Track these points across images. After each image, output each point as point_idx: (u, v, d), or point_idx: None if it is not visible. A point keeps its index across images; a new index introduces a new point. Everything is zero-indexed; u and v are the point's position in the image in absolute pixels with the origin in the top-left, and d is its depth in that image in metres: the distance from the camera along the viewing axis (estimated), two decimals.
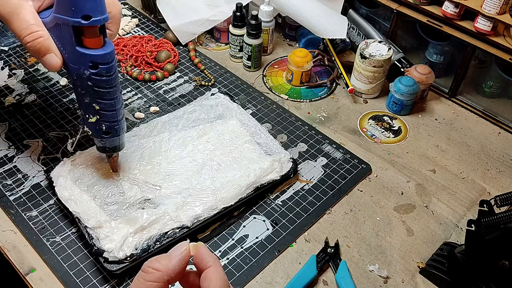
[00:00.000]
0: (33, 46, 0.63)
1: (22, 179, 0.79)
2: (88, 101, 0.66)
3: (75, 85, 0.66)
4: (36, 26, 0.62)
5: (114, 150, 0.73)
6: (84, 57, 0.62)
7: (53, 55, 0.64)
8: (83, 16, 0.59)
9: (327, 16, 1.00)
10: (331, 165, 0.85)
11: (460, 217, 0.79)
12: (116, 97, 0.67)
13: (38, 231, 0.72)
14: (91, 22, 0.59)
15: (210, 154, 0.81)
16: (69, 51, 0.63)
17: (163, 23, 1.14)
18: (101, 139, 0.70)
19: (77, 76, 0.64)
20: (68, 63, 0.64)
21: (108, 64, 0.63)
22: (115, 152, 0.73)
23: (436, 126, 0.95)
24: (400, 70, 0.99)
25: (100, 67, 0.63)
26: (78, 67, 0.63)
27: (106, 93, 0.65)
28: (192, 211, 0.71)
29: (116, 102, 0.67)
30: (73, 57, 0.63)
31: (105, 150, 0.72)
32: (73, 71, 0.64)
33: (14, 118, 0.89)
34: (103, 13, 0.60)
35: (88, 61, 0.62)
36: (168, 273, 0.43)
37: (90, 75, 0.63)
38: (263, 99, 0.97)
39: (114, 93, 0.66)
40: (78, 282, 0.67)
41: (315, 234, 0.75)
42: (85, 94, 0.65)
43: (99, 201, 0.72)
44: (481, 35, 0.91)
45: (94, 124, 0.68)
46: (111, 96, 0.66)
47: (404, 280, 0.70)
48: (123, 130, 0.71)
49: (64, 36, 0.62)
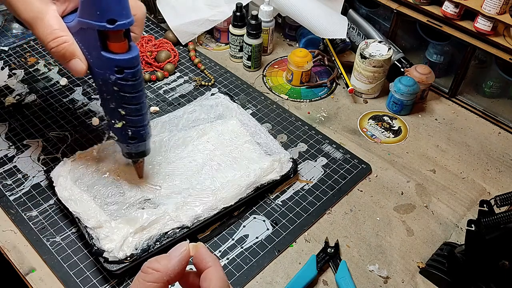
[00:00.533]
0: (57, 52, 0.62)
1: (22, 179, 0.79)
2: (114, 106, 0.65)
3: (101, 90, 0.65)
4: (60, 31, 0.61)
5: (140, 156, 0.72)
6: (110, 62, 0.61)
7: (78, 60, 0.62)
8: (108, 20, 0.57)
9: (327, 16, 1.00)
10: (331, 165, 0.85)
11: (460, 217, 0.79)
12: (142, 102, 0.66)
13: (38, 231, 0.72)
14: (117, 26, 0.58)
15: (210, 154, 0.81)
16: (94, 56, 0.62)
17: (163, 23, 1.14)
18: (127, 145, 0.69)
19: (103, 81, 0.63)
20: (93, 68, 0.63)
21: (134, 68, 0.62)
22: (141, 158, 0.72)
23: (436, 126, 0.95)
24: (400, 70, 0.99)
25: (125, 71, 0.61)
26: (104, 72, 0.62)
27: (132, 98, 0.64)
28: (192, 211, 0.71)
29: (142, 107, 0.66)
30: (98, 62, 0.62)
31: (131, 156, 0.71)
32: (99, 76, 0.63)
33: (14, 118, 0.89)
34: (128, 16, 0.59)
35: (113, 66, 0.61)
36: (168, 273, 0.43)
37: (116, 80, 0.62)
38: (263, 99, 0.98)
39: (140, 98, 0.65)
40: (78, 282, 0.67)
41: (315, 234, 0.75)
42: (110, 99, 0.64)
43: (99, 201, 0.72)
44: (481, 35, 0.90)
45: (120, 130, 0.67)
46: (137, 101, 0.65)
47: (404, 280, 0.70)
48: (149, 135, 0.70)
49: (89, 40, 0.61)
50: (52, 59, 1.02)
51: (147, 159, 0.78)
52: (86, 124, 0.89)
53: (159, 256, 0.44)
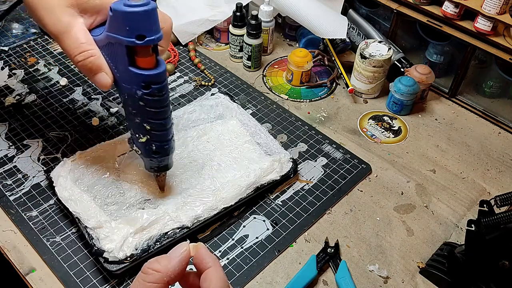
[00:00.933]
0: (84, 65, 0.61)
1: (22, 179, 0.79)
2: (139, 121, 0.64)
3: (126, 104, 0.64)
4: (87, 44, 0.61)
5: (163, 170, 0.71)
6: (137, 77, 0.60)
7: (104, 74, 0.62)
8: (138, 36, 0.56)
9: (327, 16, 1.00)
10: (331, 165, 0.85)
11: (460, 217, 0.79)
12: (167, 117, 0.65)
13: (38, 231, 0.72)
14: (146, 42, 0.57)
15: (210, 154, 0.81)
16: (121, 70, 0.61)
17: None
18: (150, 159, 0.68)
19: (129, 95, 0.62)
20: (119, 82, 0.62)
21: (161, 83, 0.61)
22: (164, 171, 0.72)
23: (436, 126, 0.95)
24: (400, 70, 0.99)
25: (152, 87, 0.60)
26: (130, 87, 0.61)
27: (157, 113, 0.63)
28: (192, 211, 0.71)
29: (167, 122, 0.65)
30: (125, 77, 0.61)
31: (154, 170, 0.71)
32: (125, 91, 0.62)
33: (14, 118, 0.89)
34: (157, 32, 0.58)
35: (141, 81, 0.60)
36: (168, 274, 0.43)
37: (142, 95, 0.61)
38: (263, 99, 0.97)
39: (166, 113, 0.64)
40: (78, 282, 0.67)
41: (315, 234, 0.75)
42: (136, 114, 0.63)
43: (99, 201, 0.72)
44: (481, 35, 0.91)
45: (144, 144, 0.66)
46: (163, 116, 0.64)
47: (404, 280, 0.70)
48: (172, 149, 0.69)
49: (116, 55, 0.60)
50: (52, 59, 1.02)
51: None
52: (86, 124, 0.89)
53: (159, 256, 0.44)
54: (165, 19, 0.65)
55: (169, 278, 0.43)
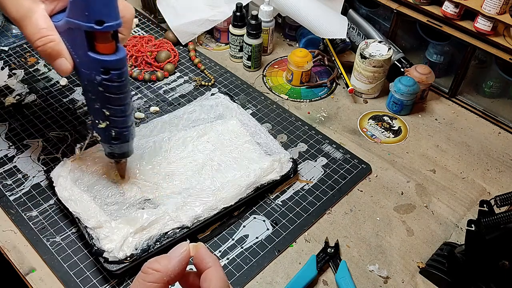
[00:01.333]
0: (44, 50, 0.62)
1: (22, 179, 0.79)
2: (99, 106, 0.65)
3: (86, 90, 0.65)
4: (47, 30, 0.62)
5: (122, 156, 0.72)
6: (96, 63, 0.61)
7: (64, 59, 0.63)
8: (97, 21, 0.58)
9: (327, 16, 1.00)
10: (331, 165, 0.85)
11: (460, 217, 0.79)
12: (127, 103, 0.66)
13: (38, 231, 0.72)
14: (104, 27, 0.58)
15: (210, 154, 0.81)
16: (80, 56, 0.62)
17: (163, 23, 1.14)
18: (110, 145, 0.69)
19: (88, 81, 0.63)
20: (79, 68, 0.63)
21: (120, 70, 0.62)
22: (124, 158, 0.73)
23: (436, 126, 0.95)
24: (400, 70, 0.99)
25: (112, 73, 0.62)
26: (90, 73, 0.62)
27: (116, 99, 0.64)
28: (192, 211, 0.71)
29: (127, 108, 0.66)
30: (84, 62, 0.62)
31: (113, 156, 0.71)
32: (84, 76, 0.63)
33: (14, 118, 0.89)
34: (116, 18, 0.59)
35: (99, 67, 0.61)
36: (168, 273, 0.43)
37: (101, 80, 0.62)
38: (263, 99, 0.97)
39: (125, 99, 0.65)
40: (78, 282, 0.67)
41: (315, 234, 0.75)
42: (95, 100, 0.64)
43: (99, 201, 0.72)
44: (481, 35, 0.90)
45: (103, 130, 0.67)
46: (122, 102, 0.65)
47: (404, 280, 0.70)
48: (132, 136, 0.70)
49: (76, 40, 0.61)
50: None
51: (147, 159, 0.78)
52: (86, 124, 0.89)
53: (160, 256, 0.44)
54: (127, 7, 0.67)
55: (169, 278, 0.43)
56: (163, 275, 0.43)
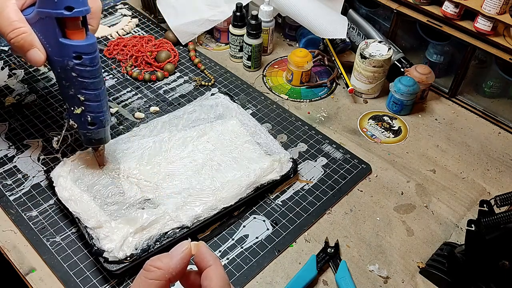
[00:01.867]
0: (16, 42, 0.65)
1: (22, 179, 0.79)
2: (73, 92, 0.67)
3: (60, 78, 0.68)
4: (19, 22, 0.64)
5: (99, 143, 0.74)
6: (68, 48, 0.64)
7: (36, 50, 0.65)
8: (66, 7, 0.62)
9: (327, 16, 1.00)
10: (331, 165, 0.85)
11: (460, 217, 0.79)
12: (100, 88, 0.69)
13: (38, 231, 0.72)
14: (74, 13, 0.62)
15: (210, 154, 0.81)
16: (53, 44, 0.65)
17: (163, 23, 1.14)
18: (86, 131, 0.71)
19: (61, 68, 0.66)
20: (52, 57, 0.66)
21: (92, 54, 0.65)
22: (101, 145, 0.74)
23: (436, 126, 0.95)
24: (400, 70, 0.99)
25: (83, 57, 0.65)
26: (62, 59, 0.65)
27: (90, 84, 0.67)
28: (192, 211, 0.71)
29: (101, 93, 0.69)
30: (57, 50, 0.65)
31: (91, 142, 0.73)
32: (57, 64, 0.66)
33: (14, 118, 0.89)
34: (85, 4, 0.63)
35: (71, 52, 0.64)
36: (170, 271, 0.43)
37: (74, 65, 0.65)
38: (263, 99, 0.98)
39: (98, 84, 0.68)
40: (78, 282, 0.67)
41: (315, 234, 0.75)
42: (69, 86, 0.67)
43: (99, 201, 0.72)
44: (481, 35, 0.91)
45: (79, 116, 0.70)
46: (95, 86, 0.68)
47: (404, 280, 0.70)
48: (108, 121, 0.72)
49: (47, 29, 0.64)
50: None
51: (147, 159, 0.78)
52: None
53: (161, 254, 0.44)
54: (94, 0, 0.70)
55: (171, 276, 0.43)
56: (165, 273, 0.43)
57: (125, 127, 0.89)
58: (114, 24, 1.14)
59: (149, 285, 0.42)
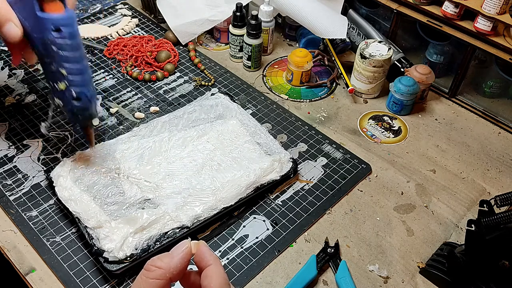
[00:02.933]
0: None
1: (22, 179, 0.79)
2: (55, 67, 0.68)
3: (41, 55, 0.68)
4: None
5: (87, 118, 0.73)
6: (47, 22, 0.65)
7: (12, 24, 0.66)
8: None
9: (327, 16, 1.00)
10: (331, 165, 0.85)
11: (460, 217, 0.79)
12: (82, 60, 0.69)
13: (38, 231, 0.72)
14: None
15: (210, 154, 0.81)
16: (31, 21, 0.66)
17: (163, 23, 1.14)
18: (72, 108, 0.71)
19: (42, 44, 0.66)
20: (31, 34, 0.67)
21: (71, 26, 0.66)
22: (89, 121, 0.74)
23: (436, 126, 0.95)
24: (400, 70, 0.99)
25: (63, 30, 0.65)
26: (42, 35, 0.65)
27: (72, 57, 0.67)
28: (192, 211, 0.71)
29: (83, 67, 0.69)
30: (36, 26, 0.66)
31: (78, 119, 0.73)
32: (38, 42, 0.67)
33: (14, 118, 0.89)
34: None
35: (50, 25, 0.65)
36: (170, 270, 0.43)
37: (54, 39, 0.65)
38: (263, 99, 0.98)
39: (80, 57, 0.69)
40: (78, 282, 0.67)
41: (315, 234, 0.75)
42: (51, 62, 0.68)
43: (99, 201, 0.72)
44: (481, 35, 0.91)
45: (63, 92, 0.69)
46: (77, 59, 0.68)
47: (404, 280, 0.70)
48: (93, 97, 0.72)
49: (25, 7, 0.65)
50: None
51: (147, 159, 0.78)
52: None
53: (162, 254, 0.44)
54: None
55: (171, 275, 0.43)
56: (165, 272, 0.43)
57: (125, 127, 0.89)
58: (114, 24, 1.14)
59: (150, 285, 0.42)
